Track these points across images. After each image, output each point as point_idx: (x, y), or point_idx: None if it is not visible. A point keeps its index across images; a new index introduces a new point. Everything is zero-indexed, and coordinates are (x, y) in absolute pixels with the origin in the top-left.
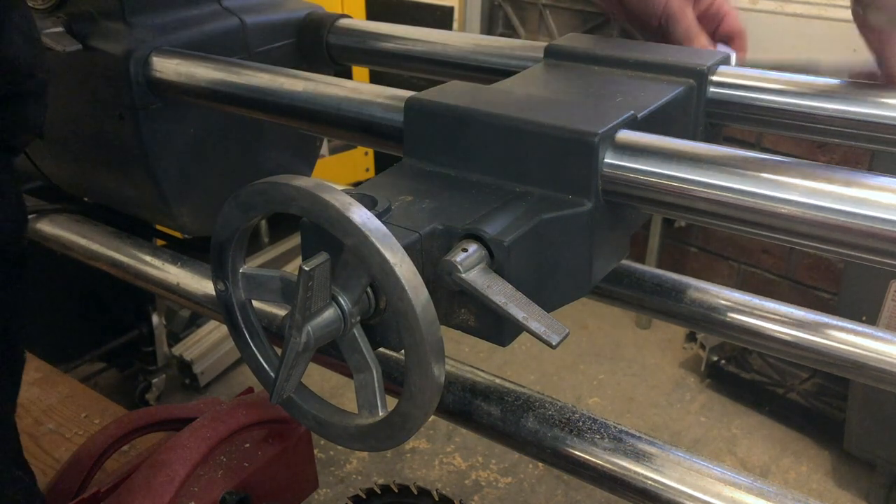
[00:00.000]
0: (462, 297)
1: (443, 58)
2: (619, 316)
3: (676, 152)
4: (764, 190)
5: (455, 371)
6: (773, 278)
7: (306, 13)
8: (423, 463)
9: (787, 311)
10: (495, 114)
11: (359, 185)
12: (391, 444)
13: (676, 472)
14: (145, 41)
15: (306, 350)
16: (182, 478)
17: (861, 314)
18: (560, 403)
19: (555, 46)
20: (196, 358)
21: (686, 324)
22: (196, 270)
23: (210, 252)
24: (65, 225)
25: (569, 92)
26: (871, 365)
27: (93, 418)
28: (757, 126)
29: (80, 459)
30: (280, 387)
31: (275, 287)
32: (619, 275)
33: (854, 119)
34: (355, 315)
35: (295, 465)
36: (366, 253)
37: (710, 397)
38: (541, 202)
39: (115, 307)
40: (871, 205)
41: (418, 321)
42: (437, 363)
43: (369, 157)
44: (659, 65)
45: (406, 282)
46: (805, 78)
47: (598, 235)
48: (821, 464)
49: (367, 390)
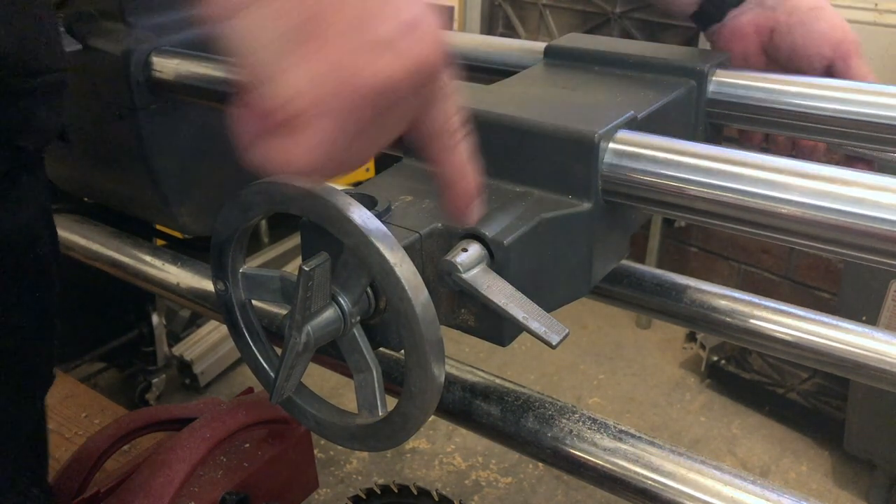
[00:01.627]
0: (462, 297)
1: None
2: (619, 316)
3: (676, 152)
4: (764, 190)
5: (455, 371)
6: (773, 278)
7: None
8: (423, 463)
9: (787, 311)
10: (495, 114)
11: (359, 185)
12: (391, 445)
13: (676, 472)
14: (145, 41)
15: (306, 350)
16: (182, 478)
17: (861, 314)
18: (560, 403)
19: (555, 46)
20: (196, 358)
21: (686, 324)
22: (196, 270)
23: (210, 252)
24: (65, 225)
25: (569, 92)
26: (871, 365)
27: (93, 418)
28: (757, 126)
29: (80, 459)
30: (280, 387)
31: (275, 287)
32: (619, 275)
33: (854, 119)
34: (355, 315)
35: (295, 465)
36: (366, 253)
37: (710, 397)
38: (541, 202)
39: (115, 307)
40: (871, 205)
41: (418, 321)
42: (437, 363)
43: None
44: (659, 65)
45: (406, 282)
46: (805, 78)
47: (598, 235)
48: (821, 464)
49: (367, 390)
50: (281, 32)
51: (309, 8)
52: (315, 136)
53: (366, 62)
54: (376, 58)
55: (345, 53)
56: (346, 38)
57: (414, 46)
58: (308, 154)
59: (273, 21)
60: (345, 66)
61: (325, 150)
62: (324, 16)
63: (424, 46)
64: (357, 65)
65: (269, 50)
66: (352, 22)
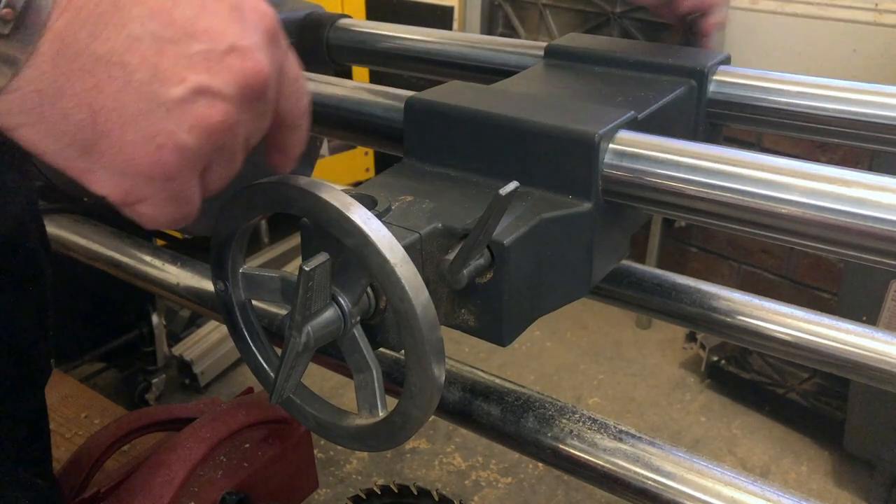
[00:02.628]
0: (462, 297)
1: (443, 58)
2: (619, 316)
3: (676, 152)
4: (764, 190)
5: (455, 371)
6: (773, 278)
7: (306, 13)
8: (423, 463)
9: (787, 311)
10: (495, 114)
11: (359, 185)
12: (391, 445)
13: (676, 472)
14: None
15: (306, 350)
16: (182, 478)
17: (861, 314)
18: (560, 403)
19: (555, 46)
20: (196, 358)
21: (686, 324)
22: (196, 270)
23: (210, 252)
24: (65, 225)
25: (569, 92)
26: (871, 365)
27: (93, 418)
28: (757, 126)
29: (80, 459)
30: (280, 387)
31: (275, 287)
32: (619, 275)
33: (854, 119)
34: (355, 315)
35: (295, 465)
36: (366, 253)
37: (710, 397)
38: (541, 202)
39: (115, 307)
40: (871, 205)
41: (419, 322)
42: (437, 363)
43: (369, 157)
44: (659, 65)
45: (407, 282)
46: (805, 78)
47: (598, 235)
48: (821, 464)
49: (367, 390)
50: (66, 144)
51: (85, 111)
52: (155, 207)
53: (171, 130)
54: (182, 119)
55: (142, 137)
56: (137, 121)
57: (224, 77)
58: (163, 216)
59: (54, 135)
60: (146, 149)
61: (175, 207)
62: (104, 112)
63: (237, 72)
64: (162, 137)
65: (62, 158)
66: (140, 106)
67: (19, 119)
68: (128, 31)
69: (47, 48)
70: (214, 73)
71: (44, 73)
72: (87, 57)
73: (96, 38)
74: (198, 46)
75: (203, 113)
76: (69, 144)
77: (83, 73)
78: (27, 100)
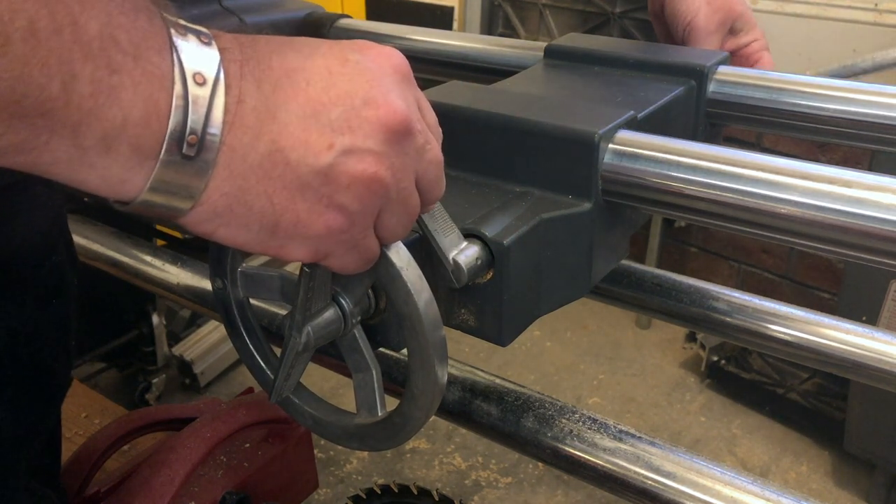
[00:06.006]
0: (462, 297)
1: (443, 58)
2: (619, 316)
3: (676, 152)
4: (764, 190)
5: (455, 371)
6: (773, 278)
7: (306, 13)
8: (423, 463)
9: (787, 311)
10: (495, 114)
11: None
12: (391, 445)
13: (676, 472)
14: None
15: (306, 350)
16: (182, 478)
17: (861, 314)
18: (560, 403)
19: (555, 46)
20: (196, 358)
21: (686, 324)
22: (196, 270)
23: (209, 249)
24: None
25: (569, 92)
26: (871, 365)
27: (93, 418)
28: (757, 126)
29: (80, 459)
30: (279, 386)
31: (274, 286)
32: (619, 275)
33: (854, 119)
34: (356, 315)
35: (295, 465)
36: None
37: (710, 397)
38: (541, 202)
39: (115, 307)
40: (871, 205)
41: (423, 325)
42: (440, 365)
43: None
44: (659, 65)
45: (412, 286)
46: (805, 78)
47: (598, 235)
48: (821, 464)
49: (366, 390)
50: (257, 231)
51: (263, 199)
52: (341, 258)
53: (330, 193)
54: (338, 182)
55: (311, 206)
56: (304, 194)
57: (365, 130)
58: (351, 264)
59: (245, 226)
60: (317, 215)
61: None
62: (276, 194)
63: (374, 122)
64: (326, 201)
65: (257, 243)
66: (302, 181)
67: (215, 223)
68: (278, 122)
69: (222, 158)
70: (356, 130)
71: (224, 180)
72: (253, 155)
73: (258, 139)
74: (336, 111)
75: (354, 170)
76: (259, 230)
77: (253, 168)
78: (218, 205)
